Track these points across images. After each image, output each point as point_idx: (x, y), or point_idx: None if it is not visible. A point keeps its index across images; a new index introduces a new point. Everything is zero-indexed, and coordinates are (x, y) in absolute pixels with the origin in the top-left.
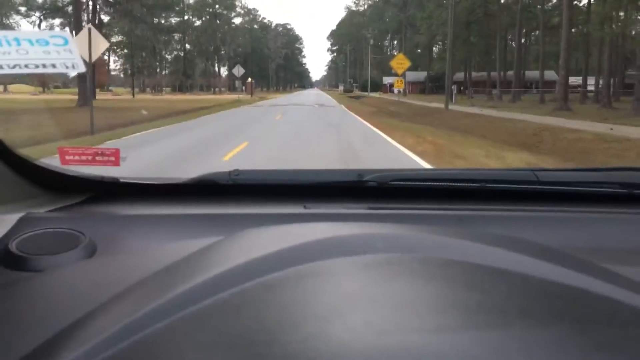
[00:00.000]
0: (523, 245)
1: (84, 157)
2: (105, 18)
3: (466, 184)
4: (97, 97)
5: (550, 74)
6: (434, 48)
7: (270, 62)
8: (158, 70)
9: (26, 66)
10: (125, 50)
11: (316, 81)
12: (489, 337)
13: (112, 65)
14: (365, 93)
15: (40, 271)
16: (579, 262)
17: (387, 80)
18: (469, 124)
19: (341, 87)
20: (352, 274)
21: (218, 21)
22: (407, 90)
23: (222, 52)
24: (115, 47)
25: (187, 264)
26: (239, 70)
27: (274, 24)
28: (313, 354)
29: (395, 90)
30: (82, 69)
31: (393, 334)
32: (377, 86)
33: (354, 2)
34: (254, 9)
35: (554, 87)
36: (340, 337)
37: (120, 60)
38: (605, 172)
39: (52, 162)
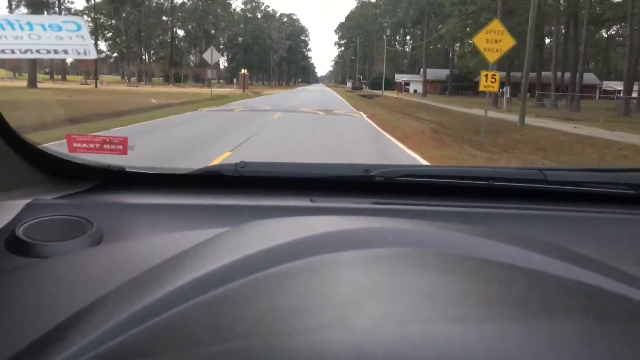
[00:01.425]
0: (533, 243)
1: (91, 145)
2: None
3: (473, 182)
4: (52, 85)
5: (588, 77)
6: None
7: (273, 53)
8: (144, 57)
9: (38, 51)
10: (110, 34)
11: (321, 76)
12: (515, 328)
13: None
14: (377, 91)
15: (47, 257)
16: (589, 261)
17: (399, 77)
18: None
19: (349, 84)
20: (366, 266)
21: (210, 1)
22: (425, 90)
23: (219, 38)
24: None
25: (196, 253)
26: (212, 55)
27: (278, 13)
28: (335, 342)
29: (411, 90)
30: (94, 55)
31: (415, 323)
32: (389, 84)
33: None
34: None
35: (593, 91)
36: (361, 325)
37: (106, 45)
38: (613, 172)
39: (60, 148)
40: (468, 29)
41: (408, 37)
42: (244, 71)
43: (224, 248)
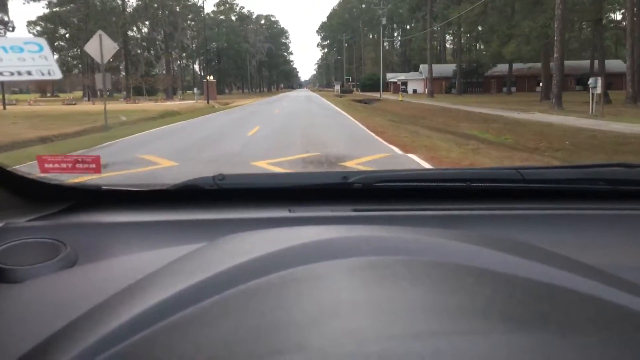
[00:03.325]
0: (509, 244)
1: (63, 165)
2: None
3: (452, 184)
4: None
5: (614, 65)
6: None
7: (250, 58)
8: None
9: (1, 73)
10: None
11: (305, 81)
12: (470, 343)
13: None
14: (372, 94)
15: (19, 282)
16: (564, 261)
17: (394, 77)
18: None
19: (337, 87)
20: (336, 279)
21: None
22: (432, 90)
23: (181, 41)
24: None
25: (169, 272)
26: (100, 43)
27: (255, 15)
28: None
29: (409, 90)
30: (58, 75)
31: (373, 341)
32: (379, 84)
33: None
34: None
35: (620, 79)
36: (319, 346)
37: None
38: (590, 169)
39: (33, 170)
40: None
41: (396, 34)
42: (209, 78)
43: (198, 265)
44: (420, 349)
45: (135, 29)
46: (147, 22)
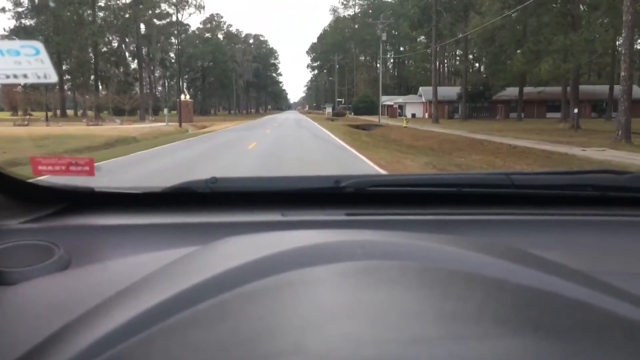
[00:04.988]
0: (499, 249)
1: (57, 167)
2: None
3: (443, 189)
4: None
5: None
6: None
7: (237, 78)
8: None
9: None
10: None
11: (294, 103)
12: (464, 348)
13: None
14: (367, 118)
15: (13, 284)
16: (553, 266)
17: (389, 100)
18: None
19: (328, 110)
20: (331, 283)
21: (140, 6)
22: (437, 115)
23: (157, 57)
24: None
25: (163, 275)
26: None
27: (243, 34)
28: None
29: (409, 115)
30: (54, 79)
31: (369, 345)
32: (373, 107)
33: (342, 3)
34: (217, 14)
35: None
36: (316, 349)
37: None
38: (579, 175)
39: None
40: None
41: (389, 55)
42: (184, 97)
43: (191, 268)
44: (416, 353)
45: (105, 41)
46: (116, 35)
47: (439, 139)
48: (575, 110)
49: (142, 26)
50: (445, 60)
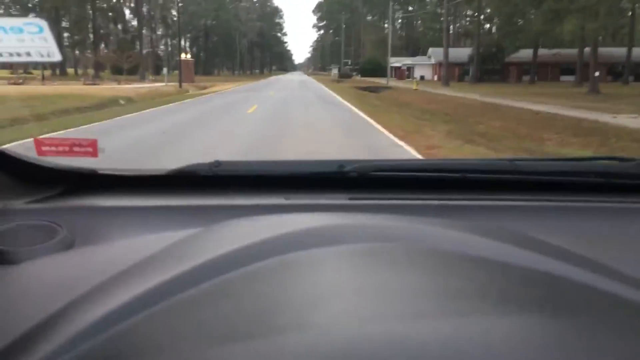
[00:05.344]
0: (504, 234)
1: (60, 148)
2: None
3: (447, 174)
4: None
5: None
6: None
7: (241, 37)
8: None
9: (0, 55)
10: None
11: (299, 64)
12: (469, 323)
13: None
14: (374, 80)
15: (16, 264)
16: (558, 250)
17: (398, 61)
18: None
19: (334, 71)
20: (334, 264)
21: None
22: (443, 77)
23: (157, 14)
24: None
25: (167, 255)
26: None
27: None
28: (293, 343)
29: (417, 76)
30: (58, 57)
31: (374, 321)
32: (381, 70)
33: None
34: None
35: None
36: (320, 325)
37: None
38: (585, 161)
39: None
40: None
41: (397, 15)
42: (184, 56)
43: (195, 249)
44: (421, 329)
45: None
46: None
47: (453, 103)
48: (597, 74)
49: None
50: (456, 21)
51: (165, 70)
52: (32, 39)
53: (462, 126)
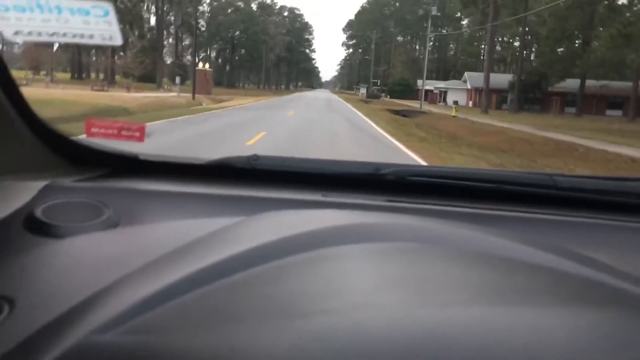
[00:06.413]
0: (542, 244)
1: (109, 131)
2: None
3: (483, 184)
4: None
5: None
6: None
7: (268, 51)
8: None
9: (64, 35)
10: None
11: (326, 82)
12: (492, 313)
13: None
14: (402, 102)
15: (65, 238)
16: (599, 265)
17: (431, 84)
18: None
19: (362, 90)
20: (366, 260)
21: None
22: (482, 104)
23: (179, 18)
24: None
25: (207, 243)
26: None
27: (278, 5)
28: (331, 326)
29: (450, 102)
30: (119, 41)
31: (400, 310)
32: (410, 91)
33: None
34: None
35: None
36: (345, 312)
37: None
38: (624, 181)
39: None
40: None
41: (431, 35)
42: (202, 66)
43: (243, 235)
44: (445, 317)
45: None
46: None
47: (505, 136)
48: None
49: None
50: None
51: (178, 79)
52: (97, 22)
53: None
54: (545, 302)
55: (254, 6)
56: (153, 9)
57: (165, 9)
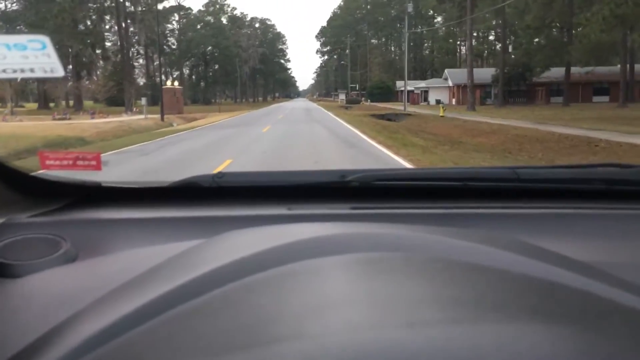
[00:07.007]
0: (503, 241)
1: (64, 162)
2: None
3: (448, 183)
4: None
5: None
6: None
7: (242, 64)
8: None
9: (4, 71)
10: None
11: (303, 90)
12: (462, 331)
13: None
14: (384, 105)
15: (20, 277)
16: (557, 258)
17: (412, 85)
18: None
19: (341, 96)
20: (333, 273)
21: None
22: (474, 100)
23: (142, 38)
24: None
25: (169, 267)
26: None
27: (249, 17)
28: (289, 352)
29: (432, 101)
30: (60, 73)
31: (368, 330)
32: (390, 93)
33: None
34: None
35: None
36: (315, 335)
37: None
38: (585, 169)
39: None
40: None
41: (408, 33)
42: (170, 84)
43: (196, 260)
44: (414, 337)
45: (77, 18)
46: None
47: (506, 134)
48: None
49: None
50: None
51: (144, 100)
52: (35, 55)
53: None
54: (510, 315)
55: (224, 20)
56: (116, 28)
57: (130, 29)
